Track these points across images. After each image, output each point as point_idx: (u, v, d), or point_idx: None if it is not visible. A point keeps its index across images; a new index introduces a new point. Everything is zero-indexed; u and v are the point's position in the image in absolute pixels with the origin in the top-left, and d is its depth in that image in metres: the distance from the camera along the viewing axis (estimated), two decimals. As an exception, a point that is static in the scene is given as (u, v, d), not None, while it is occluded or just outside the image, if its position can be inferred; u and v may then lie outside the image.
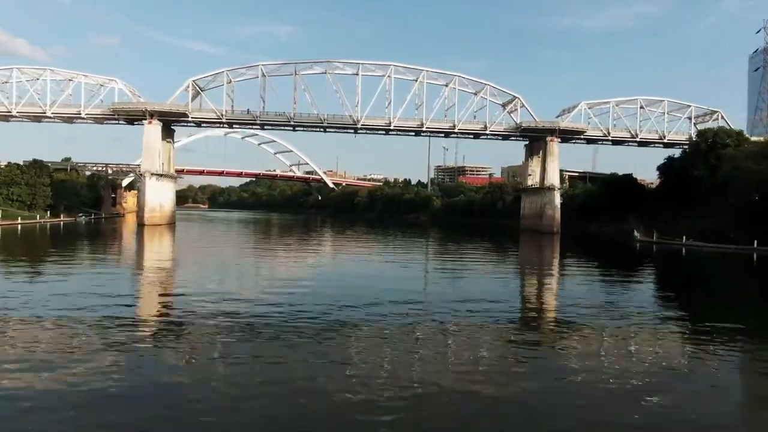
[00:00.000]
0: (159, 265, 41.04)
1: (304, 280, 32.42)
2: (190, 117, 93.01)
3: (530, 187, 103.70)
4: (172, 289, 28.75)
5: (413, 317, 20.95)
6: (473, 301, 24.80)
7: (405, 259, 49.63)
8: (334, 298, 24.38)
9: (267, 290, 27.33)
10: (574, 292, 30.18)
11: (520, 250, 72.07)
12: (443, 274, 39.21)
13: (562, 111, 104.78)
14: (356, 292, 26.83)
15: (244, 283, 31.18)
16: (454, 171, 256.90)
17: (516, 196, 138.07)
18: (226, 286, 29.08)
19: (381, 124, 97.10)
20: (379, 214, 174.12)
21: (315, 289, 27.66)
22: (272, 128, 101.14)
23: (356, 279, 33.42)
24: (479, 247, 70.29)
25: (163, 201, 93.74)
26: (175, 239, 72.66)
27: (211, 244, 64.35)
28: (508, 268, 47.01)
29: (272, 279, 33.31)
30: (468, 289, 30.08)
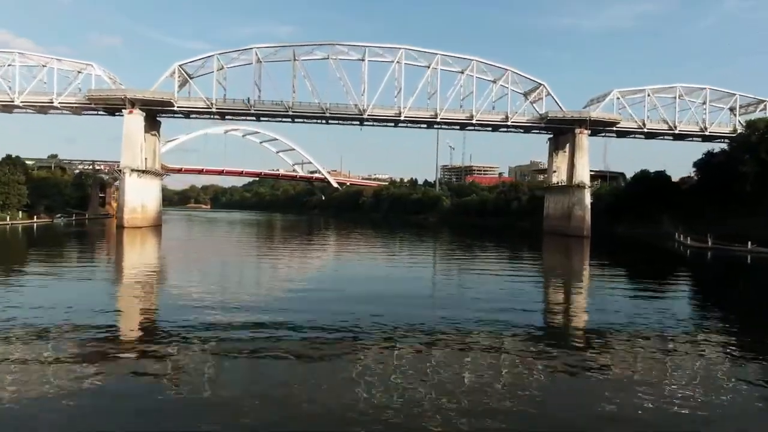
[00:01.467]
0: (128, 275, 33.46)
1: (304, 287, 28.45)
2: (176, 106, 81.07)
3: (555, 186, 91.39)
4: (147, 302, 23.57)
5: (427, 329, 18.23)
6: (494, 312, 21.10)
7: (416, 264, 43.86)
8: (339, 307, 21.16)
9: (261, 300, 23.21)
10: (632, 313, 22.04)
11: (545, 255, 62.15)
12: (459, 282, 34.07)
13: (590, 101, 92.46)
14: (364, 300, 23.41)
15: (227, 295, 24.88)
16: (461, 170, 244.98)
17: (532, 196, 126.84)
18: (207, 298, 23.18)
19: (390, 114, 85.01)
20: (385, 214, 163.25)
21: (317, 297, 24.20)
22: (269, 119, 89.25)
23: (363, 286, 28.88)
24: (497, 251, 60.94)
25: (145, 200, 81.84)
26: (156, 244, 61.55)
27: (199, 249, 54.47)
28: (534, 276, 38.98)
29: (267, 288, 28.18)
30: (488, 299, 24.90)
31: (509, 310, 21.77)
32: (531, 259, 53.68)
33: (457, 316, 20.34)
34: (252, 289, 27.60)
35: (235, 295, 24.28)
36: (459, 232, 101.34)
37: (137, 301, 23.39)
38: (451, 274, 38.15)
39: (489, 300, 24.10)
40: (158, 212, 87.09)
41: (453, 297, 26.79)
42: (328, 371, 13.37)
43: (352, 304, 21.91)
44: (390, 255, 53.13)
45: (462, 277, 36.15)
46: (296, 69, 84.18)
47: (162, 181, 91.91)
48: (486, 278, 34.14)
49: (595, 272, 41.34)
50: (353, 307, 21.22)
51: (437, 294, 29.06)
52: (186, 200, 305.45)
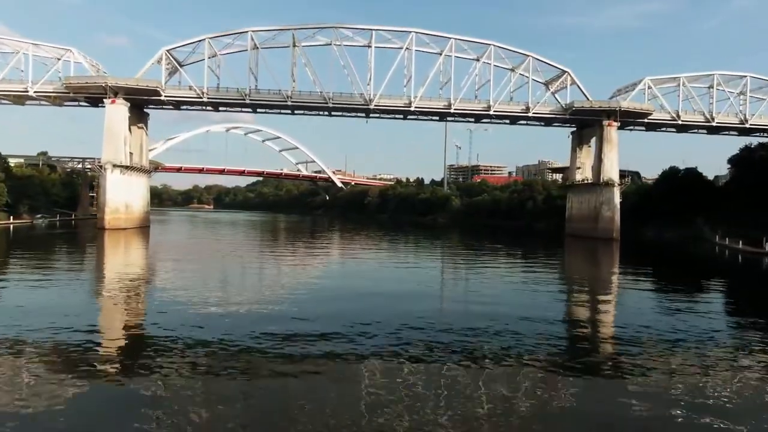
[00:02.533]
0: (100, 283, 28.61)
1: (302, 296, 24.75)
2: (163, 96, 72.37)
3: (579, 184, 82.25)
4: (121, 314, 20.14)
5: (439, 341, 16.26)
6: (514, 321, 19.07)
7: (426, 270, 39.72)
8: (341, 317, 18.91)
9: (254, 310, 20.37)
10: (681, 330, 18.87)
11: (569, 260, 55.13)
12: (474, 289, 30.04)
13: (617, 91, 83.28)
14: (369, 311, 20.68)
15: (215, 306, 21.37)
16: (467, 170, 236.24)
17: (548, 195, 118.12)
18: (189, 311, 19.73)
19: (399, 104, 76.08)
20: (392, 215, 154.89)
21: (316, 307, 21.08)
22: (266, 111, 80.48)
23: (368, 295, 25.44)
24: (515, 255, 54.90)
25: (130, 199, 73.17)
26: (140, 248, 53.37)
27: (186, 254, 47.08)
28: (557, 284, 35.01)
29: (262, 296, 24.48)
30: (506, 308, 21.90)
31: (530, 320, 19.71)
32: (553, 265, 46.94)
33: (473, 326, 18.28)
34: (243, 298, 23.89)
35: (224, 305, 21.33)
36: (471, 234, 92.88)
37: (110, 313, 20.55)
38: (465, 281, 34.25)
39: (508, 310, 21.67)
40: (145, 212, 78.42)
41: (467, 306, 24.01)
42: (328, 389, 11.99)
43: (357, 314, 19.71)
44: (398, 259, 47.07)
45: (477, 284, 32.13)
46: (296, 56, 75.54)
47: (150, 178, 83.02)
48: (503, 285, 30.97)
49: (629, 281, 35.54)
50: (358, 317, 19.11)
51: (450, 303, 25.90)
52: (189, 200, 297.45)
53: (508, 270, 40.05)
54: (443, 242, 72.55)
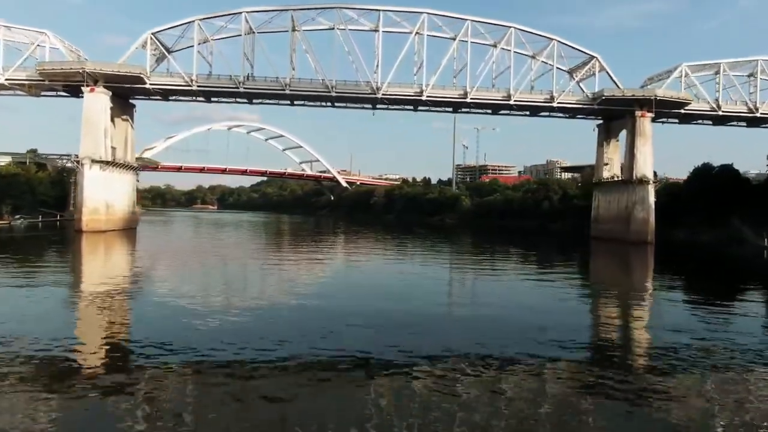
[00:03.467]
0: (71, 292, 24.92)
1: (301, 303, 21.74)
2: (148, 83, 64.14)
3: (607, 181, 73.57)
4: (98, 326, 17.64)
5: (452, 353, 14.53)
6: (534, 331, 17.14)
7: (438, 273, 36.96)
8: (345, 327, 17.13)
9: (247, 321, 18.18)
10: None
11: (597, 266, 49.58)
12: (491, 296, 25.82)
13: (648, 79, 74.60)
14: (375, 319, 18.53)
15: (201, 318, 18.19)
16: (475, 170, 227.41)
17: (564, 195, 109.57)
18: (170, 327, 17.18)
19: (409, 93, 67.61)
20: (398, 215, 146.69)
21: (317, 316, 19.10)
22: (262, 101, 72.19)
23: (375, 302, 22.50)
24: (535, 259, 49.32)
25: (112, 198, 65.00)
26: (121, 252, 46.81)
27: (172, 260, 40.83)
28: (584, 292, 30.32)
29: (256, 304, 21.33)
30: (527, 318, 19.76)
31: (554, 330, 17.34)
32: (579, 272, 41.78)
33: (489, 338, 16.29)
34: (232, 308, 20.30)
35: (210, 317, 18.16)
36: (483, 235, 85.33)
37: (88, 325, 17.91)
38: (482, 288, 30.42)
39: (529, 319, 19.13)
40: (130, 213, 70.23)
41: (484, 315, 20.64)
42: (332, 407, 10.72)
43: (362, 324, 17.50)
44: (408, 264, 42.30)
45: (495, 291, 28.27)
46: (295, 41, 67.32)
47: (137, 175, 74.69)
48: (524, 292, 27.94)
49: (669, 289, 31.33)
50: (361, 328, 16.98)
51: (464, 311, 22.67)
52: (192, 201, 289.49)
53: (528, 275, 35.63)
54: (455, 244, 64.77)
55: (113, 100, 65.84)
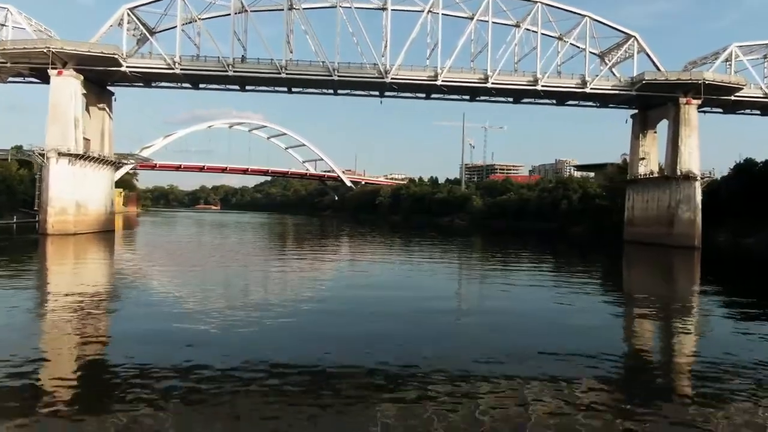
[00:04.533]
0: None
1: (298, 320, 17.74)
2: (124, 66, 55.21)
3: (645, 178, 64.11)
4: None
5: (467, 371, 12.35)
6: (557, 347, 14.55)
7: (450, 282, 30.82)
8: (354, 347, 14.34)
9: (239, 339, 14.80)
10: None
11: (634, 275, 41.05)
12: (517, 314, 20.40)
13: (690, 63, 65.16)
14: (381, 339, 15.35)
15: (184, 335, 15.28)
16: (482, 169, 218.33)
17: (584, 194, 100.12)
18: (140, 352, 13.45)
19: (422, 77, 58.40)
20: (405, 216, 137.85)
21: (317, 332, 16.07)
22: (255, 88, 63.06)
23: (381, 317, 18.66)
24: (560, 267, 41.54)
25: (84, 197, 56.07)
26: (88, 261, 37.26)
27: (150, 268, 33.38)
28: (626, 310, 23.34)
29: (250, 319, 17.44)
30: (553, 334, 16.80)
31: (582, 347, 14.79)
32: (613, 282, 34.87)
33: (512, 355, 13.81)
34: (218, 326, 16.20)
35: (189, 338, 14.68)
36: (497, 238, 76.69)
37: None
38: (504, 300, 24.09)
39: (559, 337, 16.20)
40: (107, 214, 61.30)
41: (507, 333, 16.98)
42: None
43: (365, 342, 14.95)
44: (418, 271, 35.06)
45: (519, 304, 22.80)
46: (293, 20, 58.33)
47: (116, 171, 65.60)
48: (552, 306, 22.33)
49: (725, 305, 25.20)
50: (366, 345, 14.57)
51: (485, 325, 17.96)
52: (196, 201, 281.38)
53: (555, 286, 29.23)
54: (470, 249, 55.82)
55: (86, 86, 57.17)
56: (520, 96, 62.98)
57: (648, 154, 65.14)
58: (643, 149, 65.28)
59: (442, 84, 57.83)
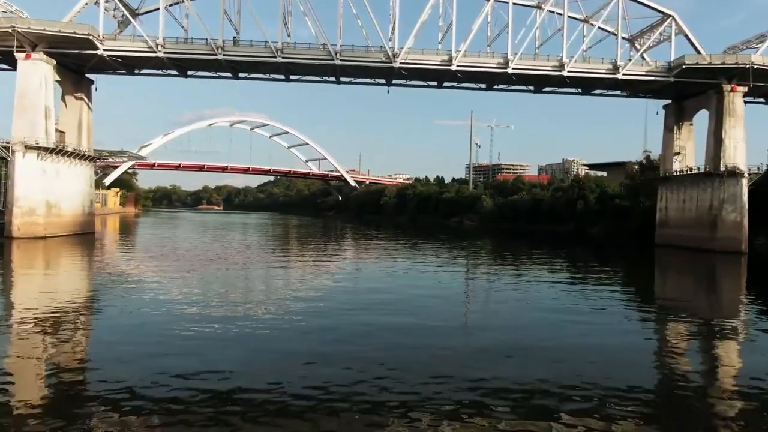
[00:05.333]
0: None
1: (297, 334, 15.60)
2: (101, 48, 48.52)
3: (681, 175, 57.00)
4: None
5: (483, 392, 10.76)
6: (599, 378, 11.97)
7: (469, 294, 26.16)
8: (353, 365, 12.35)
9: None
10: None
11: (670, 283, 35.72)
12: (543, 332, 17.01)
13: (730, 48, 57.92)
14: (389, 358, 13.13)
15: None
16: (488, 169, 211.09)
17: (602, 194, 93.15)
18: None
19: (435, 62, 51.47)
20: (412, 216, 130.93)
21: (322, 354, 13.45)
22: (249, 75, 56.36)
23: (400, 335, 15.75)
24: (584, 273, 35.99)
25: (56, 196, 49.44)
26: (55, 270, 31.44)
27: (125, 277, 27.51)
28: (664, 327, 19.85)
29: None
30: (579, 352, 14.44)
31: (615, 377, 12.12)
32: (645, 291, 30.01)
33: (534, 379, 11.66)
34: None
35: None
36: (511, 240, 70.66)
37: None
38: (527, 314, 20.13)
39: (586, 365, 13.25)
40: (85, 215, 54.62)
41: (530, 352, 14.40)
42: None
43: (372, 361, 12.77)
44: (430, 279, 29.85)
45: (539, 320, 18.90)
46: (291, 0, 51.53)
47: (94, 167, 58.76)
48: (578, 319, 18.98)
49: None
50: (372, 364, 12.46)
51: (504, 344, 15.18)
52: (198, 201, 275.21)
53: (584, 297, 24.58)
54: (480, 251, 49.30)
55: (61, 72, 50.77)
56: (542, 83, 56.04)
57: (683, 148, 58.14)
58: (677, 143, 58.25)
59: (458, 69, 50.94)
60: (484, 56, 51.99)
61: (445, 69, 51.22)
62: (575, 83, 54.96)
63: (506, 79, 54.07)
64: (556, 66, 51.73)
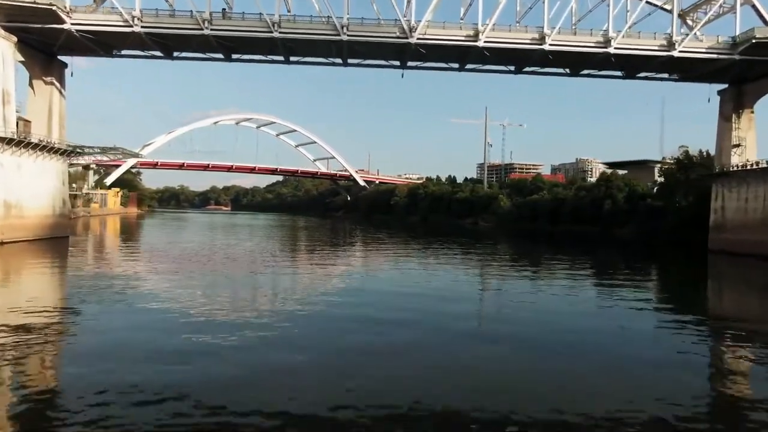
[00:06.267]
0: None
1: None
2: (68, 22, 40.73)
3: (745, 170, 48.14)
4: None
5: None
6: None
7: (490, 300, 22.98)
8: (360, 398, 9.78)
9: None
10: None
11: (732, 297, 28.32)
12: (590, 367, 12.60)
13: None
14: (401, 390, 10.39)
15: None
16: (501, 169, 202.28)
17: (631, 194, 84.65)
18: None
19: (458, 37, 43.17)
20: (424, 216, 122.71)
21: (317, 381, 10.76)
22: (242, 56, 48.39)
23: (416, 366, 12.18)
24: (625, 282, 29.18)
25: (16, 195, 41.60)
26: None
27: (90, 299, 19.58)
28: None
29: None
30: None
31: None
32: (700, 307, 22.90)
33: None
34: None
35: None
36: (536, 244, 62.74)
37: None
38: (559, 336, 15.74)
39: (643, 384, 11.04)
40: (57, 216, 46.86)
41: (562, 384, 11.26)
42: None
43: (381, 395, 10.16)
44: (449, 291, 23.75)
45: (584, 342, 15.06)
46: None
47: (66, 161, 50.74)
48: (624, 345, 14.95)
49: None
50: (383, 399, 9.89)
51: (542, 370, 12.30)
52: (206, 202, 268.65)
53: (636, 314, 19.22)
54: (506, 259, 41.21)
55: (27, 52, 43.30)
56: (580, 63, 47.50)
57: (743, 139, 49.47)
58: (736, 134, 49.55)
59: (485, 46, 42.59)
60: (515, 31, 43.62)
61: (470, 45, 42.86)
62: (620, 63, 46.38)
63: (540, 59, 45.62)
64: (601, 42, 43.26)
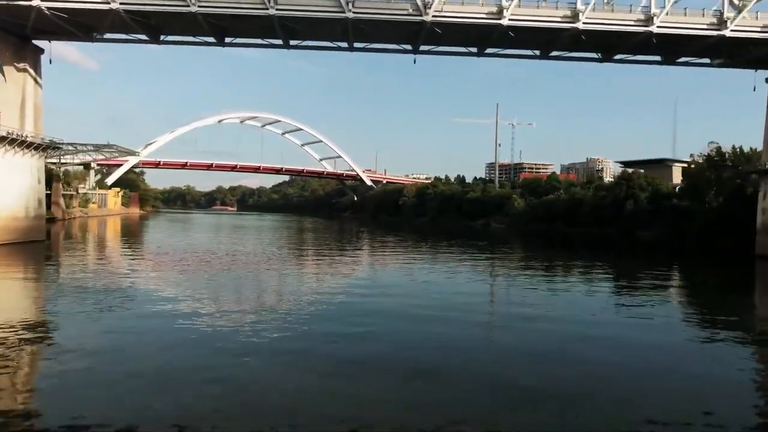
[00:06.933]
0: None
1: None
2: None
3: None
4: None
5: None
6: None
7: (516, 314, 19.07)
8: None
9: None
10: None
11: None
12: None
13: None
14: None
15: None
16: (510, 168, 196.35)
17: (656, 193, 78.88)
18: None
19: (480, 15, 37.56)
20: (433, 217, 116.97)
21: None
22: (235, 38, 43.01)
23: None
24: (666, 293, 25.41)
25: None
26: None
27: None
28: None
29: None
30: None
31: None
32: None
33: None
34: None
35: None
36: (554, 248, 57.81)
37: None
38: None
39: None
40: (31, 218, 41.59)
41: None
42: None
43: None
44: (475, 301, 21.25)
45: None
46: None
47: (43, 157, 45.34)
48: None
49: None
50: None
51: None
52: (212, 202, 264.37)
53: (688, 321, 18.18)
54: (521, 261, 35.61)
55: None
56: (615, 45, 41.63)
57: (796, 131, 43.61)
58: (789, 125, 43.69)
59: (510, 24, 36.94)
60: (544, 7, 37.94)
61: (493, 24, 37.20)
62: (661, 45, 40.49)
63: (571, 40, 39.85)
64: (641, 20, 37.51)
